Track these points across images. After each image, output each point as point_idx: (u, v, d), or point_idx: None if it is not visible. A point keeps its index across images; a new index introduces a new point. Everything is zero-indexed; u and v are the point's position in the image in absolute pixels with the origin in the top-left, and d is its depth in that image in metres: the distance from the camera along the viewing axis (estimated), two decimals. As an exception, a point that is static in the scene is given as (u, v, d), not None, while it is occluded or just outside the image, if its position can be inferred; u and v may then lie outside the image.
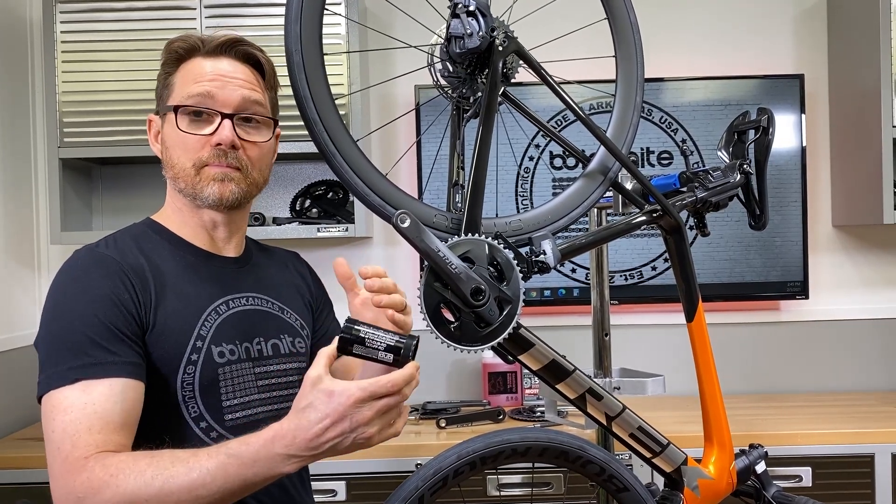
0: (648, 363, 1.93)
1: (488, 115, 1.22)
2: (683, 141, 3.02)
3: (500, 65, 1.25)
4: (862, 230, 3.17)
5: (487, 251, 1.19)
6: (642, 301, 3.07)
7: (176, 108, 1.47)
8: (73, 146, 2.83)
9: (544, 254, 1.25)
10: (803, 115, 3.01)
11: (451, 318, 1.17)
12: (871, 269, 3.18)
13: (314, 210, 3.07)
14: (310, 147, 2.89)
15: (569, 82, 1.45)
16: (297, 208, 3.08)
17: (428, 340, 1.19)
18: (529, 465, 1.36)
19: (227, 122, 1.47)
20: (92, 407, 1.28)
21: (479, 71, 1.27)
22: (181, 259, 1.50)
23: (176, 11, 2.80)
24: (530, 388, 3.02)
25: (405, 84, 2.97)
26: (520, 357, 1.29)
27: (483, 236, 1.20)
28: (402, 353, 1.20)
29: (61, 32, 2.81)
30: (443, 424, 2.71)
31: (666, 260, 3.02)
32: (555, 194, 3.12)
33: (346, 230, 2.88)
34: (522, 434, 1.29)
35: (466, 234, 1.19)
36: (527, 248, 1.26)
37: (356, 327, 1.20)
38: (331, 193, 3.08)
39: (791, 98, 3.01)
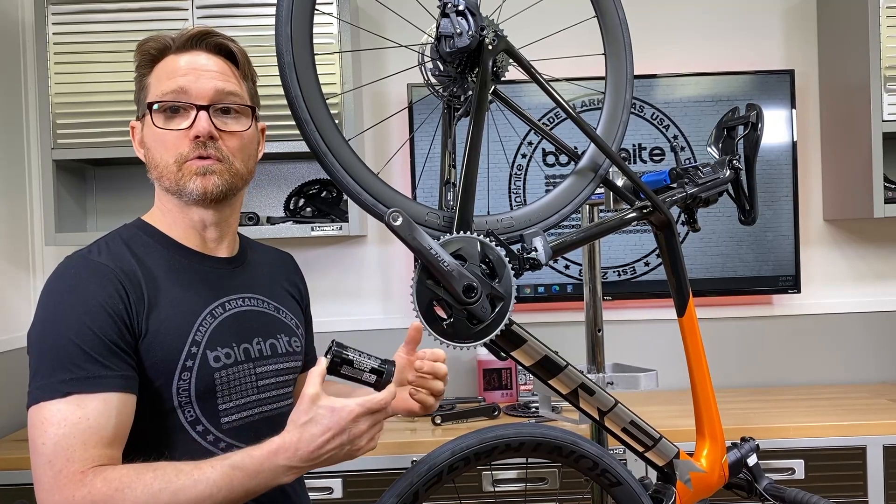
0: (641, 358, 1.93)
1: (478, 113, 1.22)
2: (675, 137, 3.04)
3: (490, 63, 1.26)
4: (853, 224, 3.19)
5: (479, 249, 1.20)
6: (635, 297, 3.09)
7: (150, 106, 1.46)
8: (66, 147, 2.83)
9: (535, 251, 1.26)
10: (794, 111, 3.03)
11: (444, 316, 1.18)
12: (863, 262, 3.20)
13: (308, 209, 3.07)
14: (303, 146, 2.87)
15: (558, 80, 1.46)
16: (291, 207, 3.09)
17: (422, 338, 1.21)
18: (524, 460, 1.37)
19: (202, 113, 1.45)
20: (87, 422, 1.28)
21: (469, 70, 1.28)
22: (174, 262, 1.48)
23: (168, 12, 2.80)
24: (525, 384, 3.02)
25: (398, 83, 2.98)
26: (512, 353, 1.31)
27: (475, 234, 1.21)
28: (383, 377, 1.32)
29: (53, 34, 2.81)
30: (438, 421, 2.72)
31: (658, 255, 3.02)
32: (548, 192, 3.13)
33: (341, 229, 2.89)
34: (516, 430, 1.30)
35: (458, 232, 1.20)
36: (518, 245, 1.27)
37: (346, 350, 1.31)
38: (325, 192, 3.08)
39: (782, 93, 3.02)
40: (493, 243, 1.21)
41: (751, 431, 1.78)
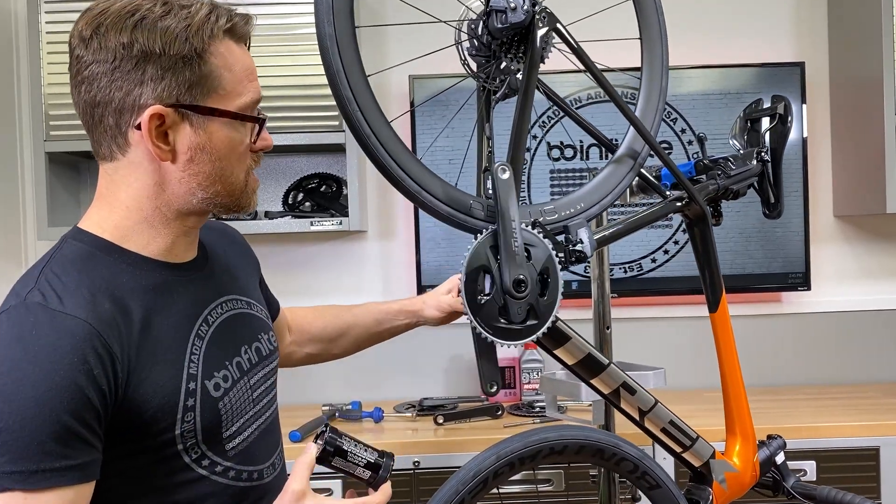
0: (646, 356, 1.91)
1: (526, 95, 1.17)
2: (683, 131, 3.00)
3: (539, 42, 1.20)
4: (864, 220, 3.14)
5: (545, 258, 1.14)
6: (642, 294, 3.04)
7: (262, 121, 1.26)
8: (59, 140, 2.78)
9: (581, 242, 1.21)
10: (804, 104, 2.98)
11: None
12: (874, 259, 3.16)
13: (307, 203, 3.01)
14: (302, 139, 2.86)
15: (609, 70, 1.42)
16: (290, 202, 3.02)
17: (425, 335, 1.15)
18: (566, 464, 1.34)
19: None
20: None
21: (513, 49, 1.22)
22: (148, 283, 1.22)
23: (165, 0, 2.74)
24: (528, 383, 2.97)
25: (399, 74, 2.91)
26: (555, 352, 1.25)
27: (545, 239, 1.14)
28: (379, 473, 1.24)
29: (46, 23, 2.76)
30: (440, 421, 2.65)
31: (666, 252, 3.00)
32: (553, 185, 3.12)
33: (340, 224, 2.84)
34: (560, 432, 1.27)
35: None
36: (562, 236, 1.22)
37: (340, 439, 1.22)
38: (324, 186, 3.03)
39: (792, 86, 2.98)
40: (541, 235, 1.15)
41: (760, 432, 1.75)
